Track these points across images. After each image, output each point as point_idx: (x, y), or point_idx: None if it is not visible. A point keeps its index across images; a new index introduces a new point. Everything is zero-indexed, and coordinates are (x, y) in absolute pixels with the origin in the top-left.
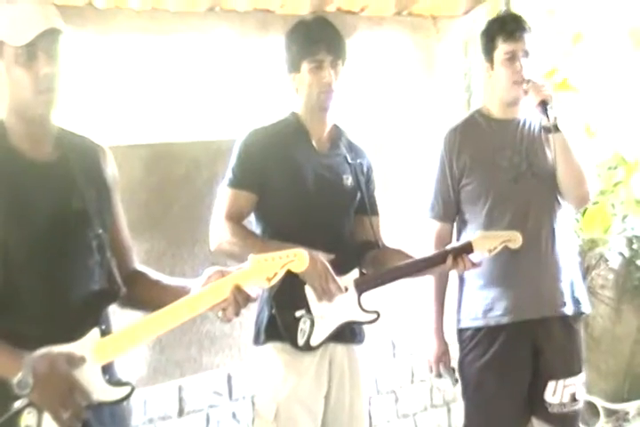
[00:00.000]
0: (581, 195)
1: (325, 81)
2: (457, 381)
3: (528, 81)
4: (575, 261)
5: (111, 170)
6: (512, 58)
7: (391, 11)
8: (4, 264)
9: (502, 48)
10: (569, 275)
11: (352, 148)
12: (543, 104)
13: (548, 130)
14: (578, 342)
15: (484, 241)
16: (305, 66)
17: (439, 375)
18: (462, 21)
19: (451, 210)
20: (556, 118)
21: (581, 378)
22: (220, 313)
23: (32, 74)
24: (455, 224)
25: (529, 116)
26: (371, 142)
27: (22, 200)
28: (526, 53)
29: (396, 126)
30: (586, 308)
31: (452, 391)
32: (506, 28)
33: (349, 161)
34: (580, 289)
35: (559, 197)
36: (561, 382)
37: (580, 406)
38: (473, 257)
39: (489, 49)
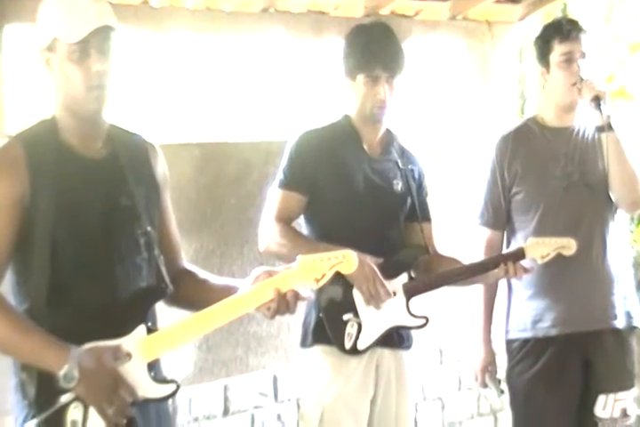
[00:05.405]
0: (634, 199)
1: (379, 97)
2: (502, 392)
3: (581, 80)
4: (629, 274)
5: (161, 168)
6: (569, 59)
7: (446, 15)
8: (53, 260)
9: (558, 49)
10: (621, 288)
11: (404, 153)
12: (596, 100)
13: (600, 129)
14: (630, 355)
15: (537, 248)
16: (360, 78)
17: (484, 385)
18: (517, 27)
19: (501, 217)
20: (609, 117)
21: (633, 393)
22: (266, 311)
23: (84, 70)
24: (505, 233)
25: (584, 124)
26: (423, 148)
27: (71, 196)
28: (583, 55)
29: (449, 132)
30: (638, 322)
31: (500, 400)
32: (562, 29)
33: (400, 166)
34: (632, 302)
35: (613, 208)
36: (612, 396)
37: (631, 421)
38: (525, 264)
39: (545, 52)
